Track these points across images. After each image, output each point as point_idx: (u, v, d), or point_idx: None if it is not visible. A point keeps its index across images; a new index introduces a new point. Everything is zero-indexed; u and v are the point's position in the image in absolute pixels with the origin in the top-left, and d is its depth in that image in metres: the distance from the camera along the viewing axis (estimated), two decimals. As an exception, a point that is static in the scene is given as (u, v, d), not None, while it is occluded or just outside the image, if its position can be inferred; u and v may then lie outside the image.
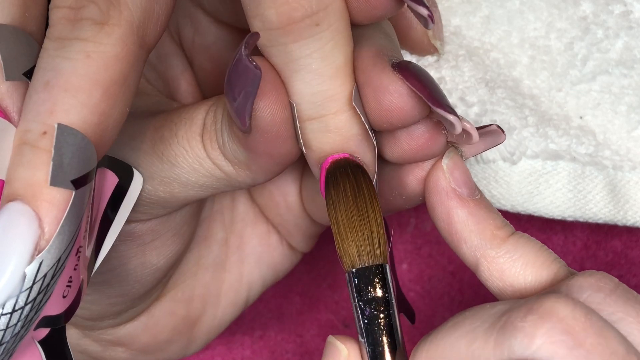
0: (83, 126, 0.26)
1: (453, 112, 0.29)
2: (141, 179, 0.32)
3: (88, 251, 0.29)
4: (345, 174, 0.30)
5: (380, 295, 0.30)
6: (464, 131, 0.30)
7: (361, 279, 0.30)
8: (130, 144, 0.32)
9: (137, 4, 0.28)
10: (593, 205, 0.41)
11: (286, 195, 0.39)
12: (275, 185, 0.39)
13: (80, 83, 0.26)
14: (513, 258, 0.31)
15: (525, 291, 0.31)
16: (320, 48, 0.29)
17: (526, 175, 0.40)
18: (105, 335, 0.38)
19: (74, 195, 0.26)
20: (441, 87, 0.39)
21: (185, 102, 0.38)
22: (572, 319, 0.27)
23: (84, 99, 0.26)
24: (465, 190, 0.32)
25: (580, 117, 0.41)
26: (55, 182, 0.26)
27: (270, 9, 0.28)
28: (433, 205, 0.32)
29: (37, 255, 0.25)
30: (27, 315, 0.26)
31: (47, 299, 0.26)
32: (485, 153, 0.40)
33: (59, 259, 0.26)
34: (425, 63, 0.40)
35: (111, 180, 0.30)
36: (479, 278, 0.32)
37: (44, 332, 0.28)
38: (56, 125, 0.26)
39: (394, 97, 0.30)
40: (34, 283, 0.26)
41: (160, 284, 0.37)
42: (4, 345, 0.26)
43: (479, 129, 0.31)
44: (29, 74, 0.28)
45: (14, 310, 0.26)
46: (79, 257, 0.27)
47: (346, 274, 0.30)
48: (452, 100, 0.40)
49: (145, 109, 0.35)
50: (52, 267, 0.26)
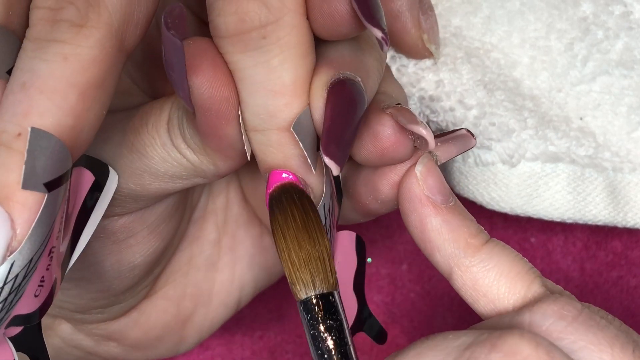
0: (57, 129, 0.26)
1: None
2: (117, 176, 0.31)
3: (63, 247, 0.29)
4: (292, 199, 0.29)
5: (337, 322, 0.29)
6: (420, 137, 0.30)
7: (317, 307, 0.29)
8: (101, 136, 0.32)
9: (116, 7, 0.28)
10: (593, 207, 0.41)
11: None
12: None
13: (56, 85, 0.26)
14: (487, 268, 0.31)
15: (498, 302, 0.31)
16: (265, 61, 0.29)
17: (525, 178, 0.40)
18: (97, 330, 0.38)
19: (47, 198, 0.26)
20: (440, 90, 0.40)
21: None
22: (535, 358, 0.26)
23: (59, 102, 0.26)
24: (439, 198, 0.31)
25: (580, 118, 0.40)
26: (27, 185, 0.26)
27: (219, 17, 0.28)
28: (406, 212, 0.32)
29: (8, 256, 0.26)
30: None
31: (19, 299, 0.27)
32: (484, 155, 0.39)
33: (31, 260, 0.26)
34: (423, 66, 0.40)
35: (87, 178, 0.30)
36: (453, 286, 0.32)
37: (15, 330, 0.28)
38: (29, 129, 0.26)
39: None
40: (5, 283, 0.26)
41: (145, 281, 0.37)
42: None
43: (449, 133, 0.31)
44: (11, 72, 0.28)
45: (-16, 310, 0.26)
46: (51, 257, 0.27)
47: (299, 303, 0.29)
48: (450, 102, 0.40)
49: (127, 109, 0.35)
50: (23, 267, 0.26)
